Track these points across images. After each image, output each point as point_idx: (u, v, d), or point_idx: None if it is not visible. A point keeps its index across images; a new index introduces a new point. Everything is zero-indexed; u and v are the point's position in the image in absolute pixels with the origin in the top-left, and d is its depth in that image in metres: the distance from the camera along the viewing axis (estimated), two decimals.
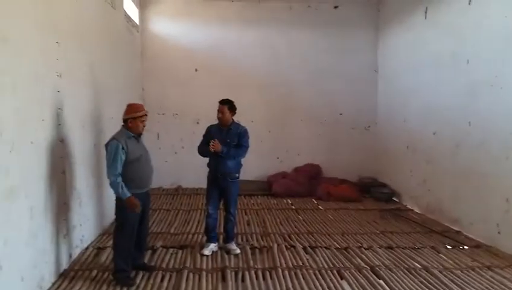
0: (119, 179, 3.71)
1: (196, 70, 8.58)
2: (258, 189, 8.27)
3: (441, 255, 4.88)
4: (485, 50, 5.42)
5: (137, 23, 8.11)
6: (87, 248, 4.73)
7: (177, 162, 8.46)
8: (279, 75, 8.73)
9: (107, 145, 3.79)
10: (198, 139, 5.00)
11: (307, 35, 8.76)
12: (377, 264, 4.48)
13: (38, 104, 3.60)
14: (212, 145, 4.55)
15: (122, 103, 4.11)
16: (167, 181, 8.43)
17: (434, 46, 6.61)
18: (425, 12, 6.89)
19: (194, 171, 7.69)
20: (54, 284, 3.79)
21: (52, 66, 3.92)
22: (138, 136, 3.96)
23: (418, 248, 5.13)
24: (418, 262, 4.61)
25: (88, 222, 4.87)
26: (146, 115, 3.96)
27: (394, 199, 7.97)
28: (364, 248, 5.05)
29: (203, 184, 5.12)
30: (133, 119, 3.85)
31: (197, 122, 8.14)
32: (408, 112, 7.51)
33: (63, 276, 3.97)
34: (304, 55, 8.78)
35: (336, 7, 8.75)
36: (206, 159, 4.87)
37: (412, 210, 7.19)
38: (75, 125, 4.48)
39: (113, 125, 5.29)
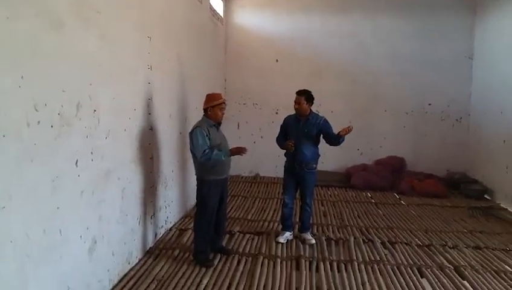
0: (207, 151, 3.87)
1: (277, 60, 8.62)
2: (336, 180, 8.13)
3: None
4: None
5: (222, 15, 8.38)
6: (170, 229, 5.08)
7: (255, 151, 8.57)
8: (363, 64, 8.43)
9: (191, 133, 4.02)
10: (277, 128, 5.08)
11: (393, 22, 8.31)
12: (462, 264, 4.22)
13: (131, 95, 3.93)
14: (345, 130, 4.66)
15: (206, 93, 4.31)
16: (246, 169, 8.69)
17: None
18: None
19: (271, 161, 7.83)
20: (140, 260, 4.13)
21: (144, 60, 4.23)
22: (218, 124, 4.15)
23: (510, 250, 4.71)
24: (509, 265, 4.25)
25: (172, 205, 5.22)
26: (224, 103, 4.14)
27: (486, 196, 7.32)
28: (448, 247, 4.75)
29: (281, 173, 5.19)
30: (212, 107, 4.04)
31: (276, 112, 8.21)
32: (507, 103, 6.79)
33: (148, 253, 4.30)
34: (390, 42, 8.36)
35: None
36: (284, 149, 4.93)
37: (506, 209, 6.54)
38: (163, 115, 4.80)
39: (197, 114, 5.55)
